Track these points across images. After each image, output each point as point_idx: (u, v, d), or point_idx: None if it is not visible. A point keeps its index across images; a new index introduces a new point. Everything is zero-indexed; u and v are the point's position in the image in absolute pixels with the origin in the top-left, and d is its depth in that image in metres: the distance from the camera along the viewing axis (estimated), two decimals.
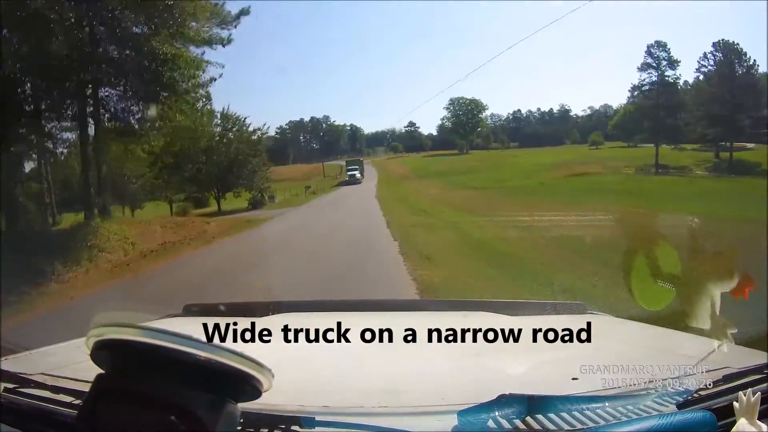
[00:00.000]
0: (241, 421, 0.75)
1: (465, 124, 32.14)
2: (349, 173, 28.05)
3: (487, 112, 32.12)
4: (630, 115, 26.02)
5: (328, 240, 10.72)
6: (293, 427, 0.81)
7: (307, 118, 33.86)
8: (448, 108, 31.98)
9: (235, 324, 1.75)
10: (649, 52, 22.62)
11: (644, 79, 23.24)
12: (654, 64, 22.77)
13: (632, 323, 1.68)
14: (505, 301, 2.02)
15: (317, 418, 0.82)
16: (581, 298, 3.63)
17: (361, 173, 28.71)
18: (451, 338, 1.47)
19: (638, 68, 22.70)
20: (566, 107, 32.27)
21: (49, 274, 8.65)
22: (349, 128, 34.77)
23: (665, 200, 14.28)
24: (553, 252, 7.91)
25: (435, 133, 34.35)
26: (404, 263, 7.65)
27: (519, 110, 34.33)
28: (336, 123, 34.41)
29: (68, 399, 0.91)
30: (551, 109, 33.00)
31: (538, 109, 33.45)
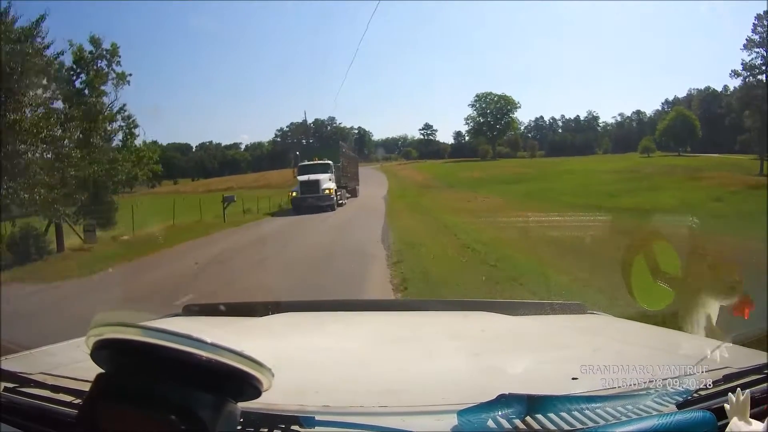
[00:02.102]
0: (241, 420, 0.75)
1: (493, 125, 27.20)
2: (304, 179, 15.86)
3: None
4: (681, 119, 22.15)
5: None
6: (293, 427, 0.81)
7: (310, 120, 31.92)
8: (473, 105, 27.55)
9: (235, 323, 1.76)
10: (758, 26, 17.26)
11: (749, 61, 17.67)
12: (763, 41, 17.03)
13: (632, 323, 1.68)
14: (504, 301, 2.02)
15: (317, 418, 0.82)
16: None
17: (346, 184, 18.60)
18: (451, 338, 1.48)
19: (742, 47, 17.54)
20: (594, 114, 29.72)
21: None
22: (356, 131, 32.21)
23: None
24: None
25: (451, 141, 31.09)
26: None
27: (541, 117, 31.47)
28: (342, 125, 32.04)
29: (68, 398, 0.91)
30: (577, 116, 30.47)
31: (562, 116, 30.83)
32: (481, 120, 28.38)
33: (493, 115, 27.93)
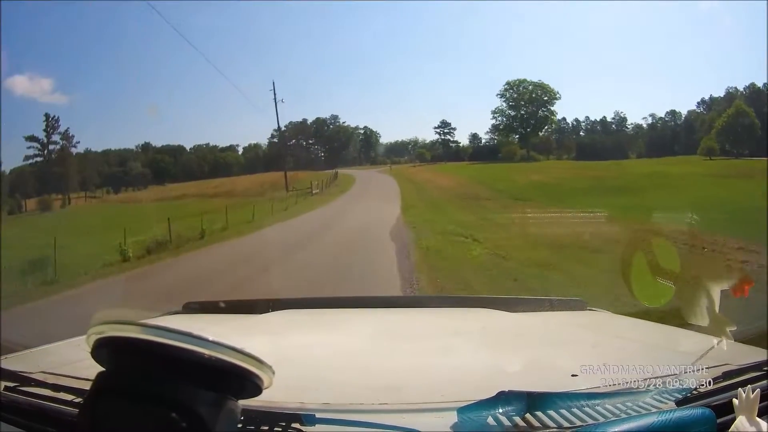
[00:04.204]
0: (242, 418, 0.75)
1: (527, 119, 22.26)
2: None
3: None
4: (741, 117, 18.25)
5: None
6: (294, 424, 0.81)
7: (311, 119, 29.16)
8: (502, 95, 22.35)
9: (235, 321, 1.76)
10: None
11: None
12: None
13: (631, 320, 1.69)
14: (504, 297, 2.02)
15: (318, 415, 0.82)
16: None
17: None
18: (451, 334, 1.48)
19: None
20: (622, 115, 24.87)
21: None
22: (362, 131, 29.71)
23: None
24: None
25: (467, 143, 25.26)
26: None
27: (564, 119, 28.17)
28: (346, 124, 29.52)
29: (69, 397, 0.91)
30: (604, 117, 27.72)
31: (587, 117, 26.45)
32: (512, 113, 22.85)
33: (527, 107, 22.69)
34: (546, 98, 22.77)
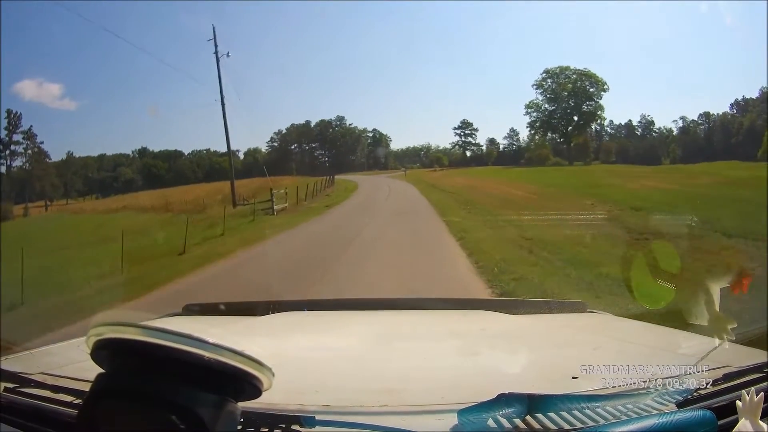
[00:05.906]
0: (241, 420, 0.75)
1: (569, 114, 18.52)
2: None
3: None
4: None
5: None
6: (293, 427, 0.81)
7: (315, 121, 24.99)
8: (539, 86, 19.07)
9: (235, 323, 1.76)
10: None
11: None
12: None
13: (632, 322, 1.68)
14: (505, 299, 2.02)
15: (317, 417, 0.82)
16: None
17: None
18: (451, 337, 1.48)
19: None
20: (648, 118, 23.14)
21: None
22: (371, 134, 25.25)
23: None
24: None
25: (484, 148, 22.99)
26: None
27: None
28: (352, 125, 25.18)
29: (68, 398, 0.91)
30: (630, 120, 23.98)
31: (611, 121, 24.04)
32: (550, 108, 18.87)
33: (568, 100, 18.75)
34: (592, 90, 19.08)
